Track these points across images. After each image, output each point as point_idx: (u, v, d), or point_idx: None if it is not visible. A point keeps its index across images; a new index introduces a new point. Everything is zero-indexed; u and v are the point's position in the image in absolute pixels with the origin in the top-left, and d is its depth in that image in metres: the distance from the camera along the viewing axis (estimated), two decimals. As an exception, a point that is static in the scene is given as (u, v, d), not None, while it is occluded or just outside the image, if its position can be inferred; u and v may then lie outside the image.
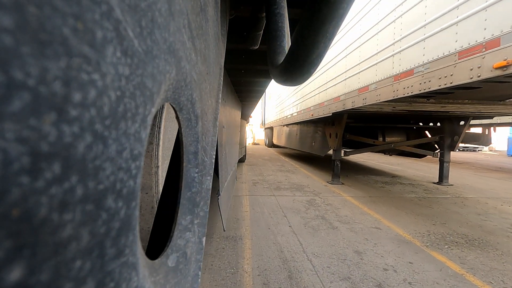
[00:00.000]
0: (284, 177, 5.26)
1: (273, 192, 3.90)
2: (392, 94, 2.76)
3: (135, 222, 0.21)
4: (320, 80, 5.20)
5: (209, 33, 0.54)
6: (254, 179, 4.89)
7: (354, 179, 5.18)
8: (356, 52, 3.69)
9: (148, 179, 1.46)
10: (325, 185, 4.52)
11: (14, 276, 0.12)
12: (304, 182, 4.78)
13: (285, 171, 6.03)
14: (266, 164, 7.34)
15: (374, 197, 3.71)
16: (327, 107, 4.64)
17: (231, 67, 2.15)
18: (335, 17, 0.56)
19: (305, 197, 3.64)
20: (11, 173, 0.11)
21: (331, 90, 4.48)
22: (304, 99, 6.44)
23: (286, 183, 4.65)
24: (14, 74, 0.11)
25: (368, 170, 6.52)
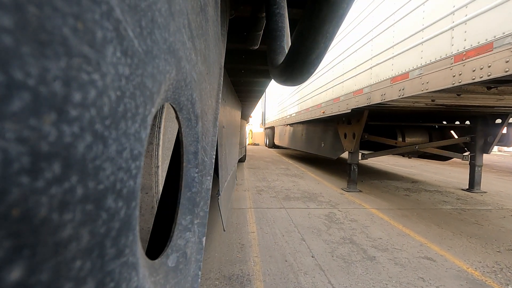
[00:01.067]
0: (292, 183, 4.62)
1: (282, 203, 3.26)
2: (451, 80, 2.01)
3: (135, 222, 0.21)
4: (333, 72, 4.50)
5: (209, 33, 0.54)
6: (258, 186, 4.25)
7: (370, 185, 4.59)
8: (388, 32, 2.88)
9: (148, 179, 1.46)
10: (340, 193, 3.91)
11: (14, 276, 0.12)
12: (316, 189, 4.14)
13: (291, 176, 5.36)
14: (269, 167, 6.70)
15: (404, 210, 3.11)
16: (343, 102, 3.95)
17: (231, 67, 2.15)
18: (335, 17, 0.56)
19: (322, 210, 3.01)
20: (11, 173, 0.11)
21: (350, 83, 3.78)
22: (312, 95, 5.76)
23: (295, 190, 4.01)
24: (14, 74, 0.11)
25: (383, 174, 5.91)
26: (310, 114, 5.83)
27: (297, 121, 7.37)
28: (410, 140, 4.55)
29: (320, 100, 5.17)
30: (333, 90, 4.46)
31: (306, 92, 6.28)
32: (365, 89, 3.35)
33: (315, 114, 5.48)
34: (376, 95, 3.11)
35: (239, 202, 3.33)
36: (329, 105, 4.60)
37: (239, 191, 3.85)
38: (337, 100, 4.24)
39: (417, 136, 4.62)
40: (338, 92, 4.22)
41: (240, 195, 3.66)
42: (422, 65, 2.34)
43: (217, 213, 2.41)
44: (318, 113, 5.26)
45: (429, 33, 2.27)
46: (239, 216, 2.79)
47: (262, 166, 6.72)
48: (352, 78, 3.76)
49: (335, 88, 4.40)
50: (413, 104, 3.27)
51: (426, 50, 2.31)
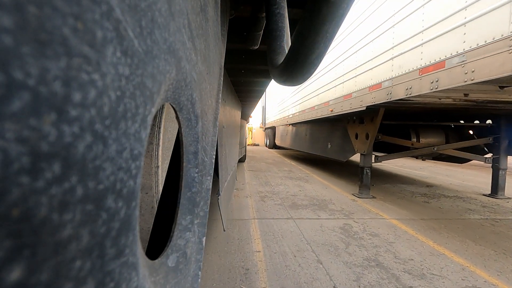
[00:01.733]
0: (297, 187, 4.21)
1: (290, 213, 2.87)
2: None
3: (135, 222, 0.21)
4: (343, 67, 4.07)
5: (209, 33, 0.54)
6: (261, 191, 3.85)
7: (383, 189, 4.20)
8: (414, 16, 2.46)
9: (148, 179, 1.46)
10: (352, 199, 3.55)
11: (14, 276, 0.12)
12: (324, 195, 3.76)
13: (296, 179, 4.96)
14: (271, 169, 6.28)
15: (428, 221, 2.74)
16: (356, 99, 3.55)
17: (231, 67, 2.15)
18: (335, 17, 0.56)
19: (335, 221, 2.63)
20: (11, 173, 0.11)
21: (364, 77, 3.38)
22: (318, 92, 5.34)
23: (302, 196, 3.62)
24: (14, 74, 0.11)
25: (393, 177, 5.50)
26: (316, 113, 5.39)
27: (300, 120, 6.91)
28: (426, 141, 4.14)
29: (327, 98, 4.73)
30: (344, 86, 4.00)
31: (311, 89, 5.82)
32: (385, 83, 2.88)
33: (321, 113, 5.03)
34: (399, 90, 2.64)
35: (241, 211, 2.90)
36: (339, 103, 4.15)
37: (240, 198, 3.45)
38: (349, 97, 3.79)
39: (433, 136, 4.21)
40: (350, 88, 3.77)
41: (241, 203, 3.24)
42: (466, 51, 1.91)
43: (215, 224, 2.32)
44: (325, 111, 4.80)
45: (476, 10, 1.82)
46: (241, 230, 2.37)
47: (264, 168, 6.30)
48: (367, 72, 3.30)
49: (346, 84, 3.94)
50: (439, 101, 2.79)
51: (472, 32, 1.88)
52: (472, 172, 6.76)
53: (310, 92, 5.94)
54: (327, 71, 4.90)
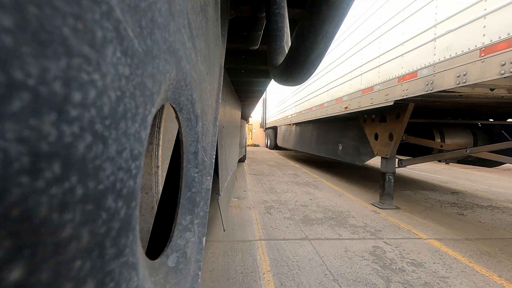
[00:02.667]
0: (306, 195, 3.70)
1: (303, 230, 2.35)
2: None
3: (135, 222, 0.21)
4: (361, 57, 3.51)
5: (209, 33, 0.54)
6: (266, 200, 3.33)
7: (404, 197, 3.73)
8: None
9: (148, 179, 1.46)
10: (373, 210, 3.05)
11: (14, 276, 0.12)
12: (340, 205, 3.25)
13: (303, 185, 4.41)
14: (274, 172, 5.78)
15: (475, 241, 2.23)
16: (380, 93, 2.99)
17: (231, 67, 2.15)
18: (335, 17, 0.56)
19: (362, 242, 2.12)
20: (11, 173, 0.11)
21: (392, 66, 2.80)
22: (327, 88, 4.78)
23: (314, 207, 3.10)
24: (14, 74, 0.11)
25: (410, 182, 4.99)
26: (325, 111, 4.79)
27: (306, 119, 6.25)
28: (451, 141, 3.68)
29: (340, 93, 4.16)
30: (362, 78, 3.45)
31: (319, 85, 5.29)
32: (422, 71, 2.34)
33: (332, 110, 4.45)
34: (445, 78, 2.09)
35: (244, 228, 2.37)
36: (355, 98, 3.60)
37: (242, 209, 2.92)
38: (369, 90, 3.26)
39: (460, 136, 3.71)
40: (371, 80, 3.23)
41: (244, 216, 2.68)
42: None
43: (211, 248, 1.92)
44: (337, 109, 4.23)
45: None
46: (245, 257, 1.82)
47: (267, 172, 5.78)
48: (396, 60, 2.73)
49: (365, 76, 3.39)
50: (491, 93, 2.29)
51: None
52: (493, 175, 6.28)
53: (317, 88, 5.40)
54: (339, 63, 4.29)
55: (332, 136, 5.40)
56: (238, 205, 3.16)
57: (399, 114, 3.01)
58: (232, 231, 2.30)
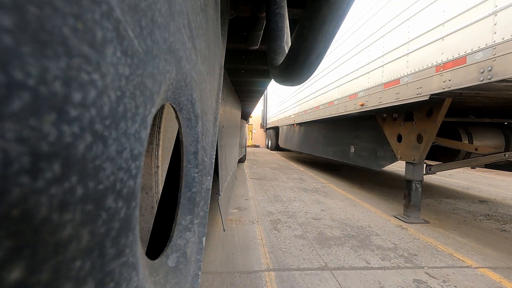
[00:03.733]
0: (317, 204, 3.20)
1: (321, 255, 1.88)
2: None
3: (135, 222, 0.21)
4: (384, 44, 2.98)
5: (209, 33, 0.54)
6: (271, 212, 2.84)
7: (429, 207, 3.28)
8: None
9: (148, 179, 1.46)
10: (398, 225, 2.58)
11: (14, 276, 0.12)
12: (358, 217, 2.77)
13: (311, 191, 3.91)
14: (277, 176, 5.30)
15: None
16: (409, 86, 2.49)
17: (231, 67, 2.15)
18: (335, 17, 0.56)
19: (399, 274, 1.67)
20: (11, 173, 0.11)
21: (428, 53, 2.28)
22: (338, 84, 4.28)
23: (328, 220, 2.62)
24: (14, 74, 0.11)
25: (428, 188, 4.47)
26: (336, 109, 4.31)
27: (311, 119, 5.73)
28: (480, 143, 3.18)
29: (354, 89, 3.69)
30: (384, 70, 2.96)
31: (328, 81, 4.81)
32: (477, 55, 1.82)
33: (344, 108, 3.97)
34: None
35: (246, 251, 1.91)
36: (374, 94, 3.13)
37: (244, 224, 2.46)
38: (394, 84, 2.76)
39: (490, 138, 3.22)
40: (396, 71, 2.75)
41: (247, 234, 2.22)
42: None
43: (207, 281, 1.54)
44: (350, 106, 3.76)
45: None
46: None
47: (270, 176, 5.30)
48: (433, 44, 2.23)
49: (388, 67, 2.90)
50: None
51: None
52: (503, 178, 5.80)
53: (326, 84, 4.92)
54: (353, 54, 3.81)
55: (342, 137, 4.83)
56: (239, 219, 2.62)
57: (431, 111, 2.48)
58: (232, 256, 1.84)
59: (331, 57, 4.71)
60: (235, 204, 3.10)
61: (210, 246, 2.00)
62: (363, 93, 3.44)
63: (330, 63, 4.77)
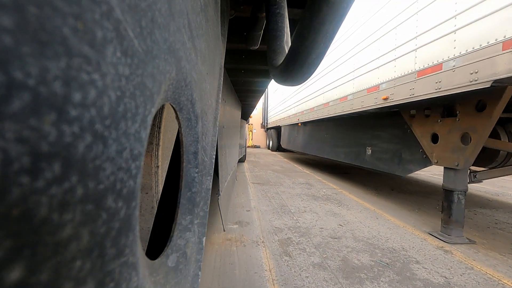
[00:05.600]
0: (332, 216, 2.71)
1: None
2: None
3: (135, 222, 0.21)
4: (418, 23, 2.43)
5: (209, 33, 0.54)
6: (279, 228, 2.34)
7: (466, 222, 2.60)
8: None
9: (148, 179, 1.46)
10: (439, 246, 2.06)
11: (14, 276, 0.12)
12: (385, 234, 2.26)
13: (322, 199, 3.40)
14: (281, 180, 4.78)
15: None
16: (459, 72, 1.96)
17: (231, 67, 2.15)
18: (335, 17, 0.56)
19: None
20: (11, 173, 0.11)
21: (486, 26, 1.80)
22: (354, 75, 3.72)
23: (350, 240, 2.11)
24: (14, 74, 0.11)
25: None
26: (350, 105, 3.78)
27: (319, 117, 5.20)
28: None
29: (375, 80, 3.15)
30: (418, 55, 2.44)
31: (339, 74, 4.27)
32: None
33: (361, 104, 3.46)
34: None
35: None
36: (403, 85, 2.59)
37: (246, 246, 1.94)
38: (433, 70, 2.21)
39: None
40: (436, 55, 2.20)
41: (249, 263, 1.70)
42: None
43: None
44: (369, 101, 3.23)
45: None
46: None
47: (273, 180, 4.78)
48: (497, 14, 1.73)
49: (422, 51, 2.36)
50: None
51: None
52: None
53: (337, 78, 4.38)
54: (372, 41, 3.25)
55: (356, 137, 4.24)
56: (240, 238, 2.08)
57: (483, 104, 2.01)
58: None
59: (343, 48, 4.21)
60: (235, 216, 2.65)
61: (201, 283, 1.51)
62: (387, 85, 2.89)
63: (342, 54, 4.24)
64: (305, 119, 6.37)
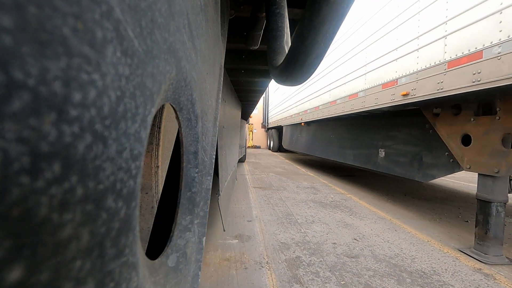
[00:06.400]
0: (344, 228, 2.42)
1: None
2: None
3: (135, 222, 0.21)
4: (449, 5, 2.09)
5: (209, 33, 0.54)
6: (286, 243, 2.04)
7: None
8: None
9: (148, 179, 1.46)
10: (476, 267, 1.76)
11: (14, 276, 0.12)
12: (411, 253, 1.94)
13: (331, 206, 3.11)
14: (285, 184, 4.46)
15: None
16: (508, 59, 1.63)
17: (231, 67, 2.15)
18: (335, 17, 0.56)
19: None
20: (11, 173, 0.11)
21: None
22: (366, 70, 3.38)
23: (371, 261, 1.80)
24: (14, 74, 0.11)
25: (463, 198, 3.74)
26: (361, 103, 3.42)
27: (325, 116, 4.88)
28: None
29: (392, 74, 2.82)
30: (448, 43, 2.08)
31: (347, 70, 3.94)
32: None
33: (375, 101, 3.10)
34: None
35: None
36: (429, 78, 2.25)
37: (248, 268, 1.67)
38: (470, 60, 1.88)
39: None
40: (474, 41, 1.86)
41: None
42: None
43: None
44: (385, 98, 2.89)
45: None
46: None
47: (276, 184, 4.45)
48: None
49: (454, 37, 2.02)
50: None
51: None
52: None
53: (345, 74, 4.04)
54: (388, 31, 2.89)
55: (367, 137, 3.91)
56: (241, 257, 1.77)
57: None
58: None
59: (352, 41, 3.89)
60: (234, 228, 2.33)
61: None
62: (407, 79, 2.54)
63: (352, 47, 3.93)
64: (309, 119, 6.03)
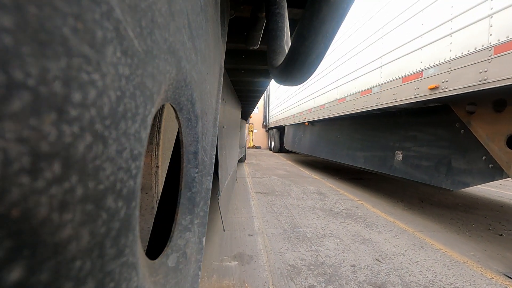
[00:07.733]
0: (361, 244, 2.04)
1: None
2: None
3: (135, 222, 0.21)
4: None
5: (209, 33, 0.54)
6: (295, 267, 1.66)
7: None
8: None
9: (148, 179, 1.46)
10: None
11: (14, 276, 0.12)
12: (448, 280, 1.56)
13: (342, 216, 2.72)
14: (289, 188, 4.06)
15: None
16: None
17: (231, 67, 2.15)
18: (335, 17, 0.56)
19: None
20: (11, 173, 0.11)
21: None
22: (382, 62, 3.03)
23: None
24: (14, 74, 0.11)
25: (501, 210, 3.15)
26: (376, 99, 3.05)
27: (333, 115, 4.46)
28: None
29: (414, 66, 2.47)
30: (494, 23, 1.75)
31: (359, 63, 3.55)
32: None
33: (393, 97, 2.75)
34: None
35: None
36: (466, 68, 1.92)
37: None
38: None
39: None
40: None
41: None
42: None
43: None
44: (407, 93, 2.53)
45: None
46: None
47: (279, 188, 4.04)
48: None
49: (500, 17, 1.73)
50: None
51: None
52: None
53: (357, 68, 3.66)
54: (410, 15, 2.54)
55: (381, 138, 3.48)
56: (241, 286, 1.44)
57: None
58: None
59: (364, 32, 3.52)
60: (233, 245, 1.97)
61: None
62: (436, 70, 2.16)
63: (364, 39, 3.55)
64: (313, 118, 5.55)
